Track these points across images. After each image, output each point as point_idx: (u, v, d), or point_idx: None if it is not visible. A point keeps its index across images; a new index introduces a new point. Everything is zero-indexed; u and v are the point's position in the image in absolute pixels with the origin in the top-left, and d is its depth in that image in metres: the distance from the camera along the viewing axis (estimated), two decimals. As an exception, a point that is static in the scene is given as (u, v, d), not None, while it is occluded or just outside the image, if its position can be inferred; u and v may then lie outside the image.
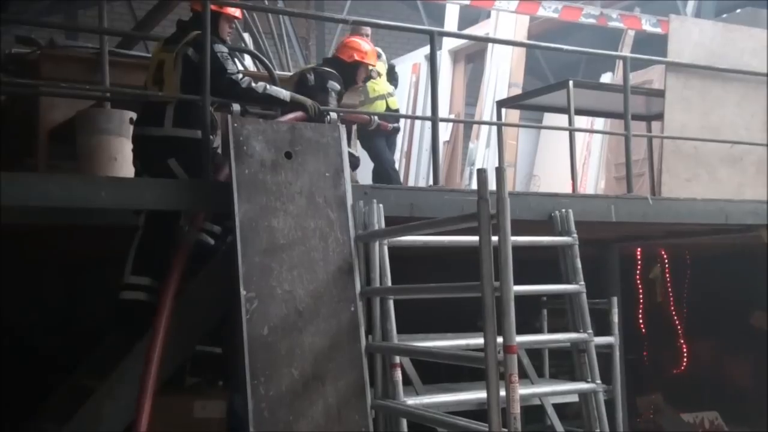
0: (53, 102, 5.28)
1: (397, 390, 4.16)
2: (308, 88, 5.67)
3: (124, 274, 4.55)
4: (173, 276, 4.25)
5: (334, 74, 5.85)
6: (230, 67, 4.58)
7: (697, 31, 6.59)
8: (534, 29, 9.89)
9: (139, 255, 4.53)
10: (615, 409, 5.00)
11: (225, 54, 4.60)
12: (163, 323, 4.11)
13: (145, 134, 4.60)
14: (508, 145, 8.49)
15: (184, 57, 4.56)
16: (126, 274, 4.54)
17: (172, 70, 4.59)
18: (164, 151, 4.52)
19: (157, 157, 4.54)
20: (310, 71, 5.89)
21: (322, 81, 5.76)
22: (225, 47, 4.67)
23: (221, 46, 4.63)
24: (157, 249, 4.51)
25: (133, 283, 4.52)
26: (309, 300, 4.17)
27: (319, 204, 4.34)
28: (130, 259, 4.54)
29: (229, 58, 4.64)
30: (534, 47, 9.27)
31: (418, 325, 4.63)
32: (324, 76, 5.79)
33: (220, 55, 4.55)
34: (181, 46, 4.59)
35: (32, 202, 3.90)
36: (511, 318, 3.21)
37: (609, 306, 5.16)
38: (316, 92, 5.61)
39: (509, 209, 3.29)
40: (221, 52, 4.56)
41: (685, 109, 6.38)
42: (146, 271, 4.51)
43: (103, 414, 4.22)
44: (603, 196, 6.79)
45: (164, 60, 4.67)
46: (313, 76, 5.80)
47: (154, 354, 4.04)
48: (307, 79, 5.79)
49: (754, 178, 6.54)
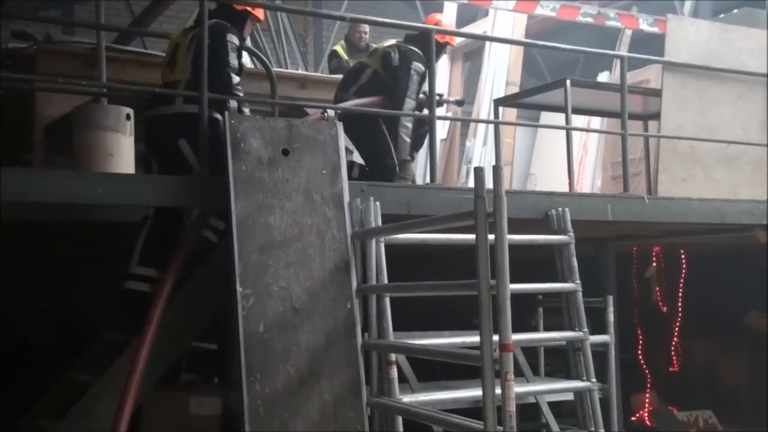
0: (50, 97, 5.26)
1: (392, 387, 4.17)
2: (392, 68, 5.50)
3: (131, 263, 4.55)
4: (171, 272, 4.25)
5: (418, 54, 5.56)
6: (232, 62, 4.61)
7: (694, 31, 6.60)
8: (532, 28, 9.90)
9: (147, 246, 4.53)
10: (610, 407, 5.02)
11: (234, 45, 4.65)
12: (155, 318, 4.10)
13: (155, 115, 4.64)
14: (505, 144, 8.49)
15: (199, 40, 4.58)
16: (132, 264, 4.54)
17: (185, 53, 4.68)
18: (174, 131, 4.52)
19: (166, 137, 4.55)
20: (394, 49, 5.61)
21: (406, 62, 5.54)
22: (237, 40, 4.70)
23: (234, 37, 4.68)
24: (165, 241, 4.52)
25: (139, 273, 4.52)
26: (305, 297, 4.17)
27: (315, 201, 4.34)
28: (138, 249, 4.54)
29: (235, 51, 4.66)
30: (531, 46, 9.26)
31: (415, 323, 4.63)
32: (408, 57, 5.55)
33: (229, 45, 4.61)
34: (197, 30, 4.63)
35: (28, 198, 3.89)
36: (508, 316, 3.21)
37: (604, 305, 5.18)
38: (400, 74, 5.47)
39: (506, 207, 3.30)
40: (231, 42, 4.62)
41: (681, 108, 6.39)
42: (153, 262, 4.51)
43: (99, 410, 4.22)
44: (599, 195, 6.80)
45: (180, 44, 4.76)
46: (398, 56, 5.58)
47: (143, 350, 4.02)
48: (391, 59, 5.54)
49: (750, 178, 6.55)
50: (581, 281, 4.89)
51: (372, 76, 5.74)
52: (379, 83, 5.64)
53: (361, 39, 7.29)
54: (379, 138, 5.56)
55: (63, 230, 5.01)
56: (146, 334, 4.06)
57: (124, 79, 5.33)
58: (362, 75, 5.80)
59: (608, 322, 5.15)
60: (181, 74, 4.68)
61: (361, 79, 5.78)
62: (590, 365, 4.79)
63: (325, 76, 7.28)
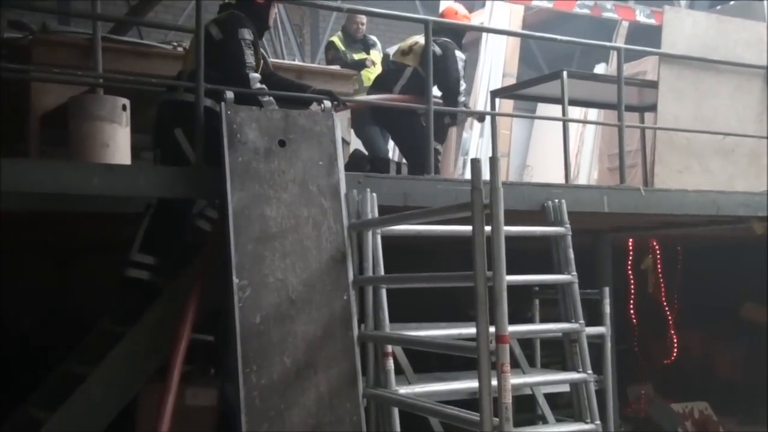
0: (45, 87, 5.23)
1: (389, 379, 4.17)
2: (437, 61, 5.61)
3: (131, 251, 4.56)
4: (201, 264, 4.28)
5: (454, 44, 5.81)
6: (248, 60, 4.57)
7: (690, 23, 6.60)
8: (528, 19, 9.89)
9: (149, 234, 4.55)
10: (606, 398, 5.02)
11: (248, 42, 4.61)
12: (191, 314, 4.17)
13: (160, 101, 4.65)
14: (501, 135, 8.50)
15: (207, 32, 4.56)
16: (133, 251, 4.56)
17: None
18: (172, 119, 4.54)
19: (165, 125, 4.57)
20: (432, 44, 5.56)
21: (449, 51, 5.78)
22: (249, 34, 4.63)
23: (247, 32, 4.62)
24: (166, 230, 4.53)
25: (139, 261, 4.53)
26: (302, 288, 4.16)
27: (312, 192, 4.33)
28: (139, 236, 4.56)
29: (251, 47, 4.62)
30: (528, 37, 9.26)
31: (411, 315, 4.63)
32: (449, 46, 5.79)
33: (243, 42, 4.57)
34: (210, 22, 4.61)
35: (23, 188, 3.88)
36: (504, 308, 3.21)
37: (601, 296, 5.18)
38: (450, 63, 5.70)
39: (502, 199, 3.29)
40: (244, 39, 4.59)
41: (678, 100, 6.39)
42: (152, 250, 4.53)
43: (93, 401, 4.22)
44: (596, 187, 6.80)
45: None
46: (439, 49, 5.77)
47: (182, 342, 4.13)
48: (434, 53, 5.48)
49: (745, 170, 6.57)
50: (577, 273, 4.89)
51: (413, 74, 6.01)
52: (421, 80, 5.75)
53: (358, 30, 7.27)
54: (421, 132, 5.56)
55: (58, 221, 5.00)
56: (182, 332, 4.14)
57: (121, 69, 5.31)
58: (402, 75, 6.05)
59: (604, 313, 5.15)
60: (187, 64, 4.69)
61: (402, 79, 6.04)
62: (586, 357, 4.80)
63: (322, 66, 7.26)
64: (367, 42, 7.27)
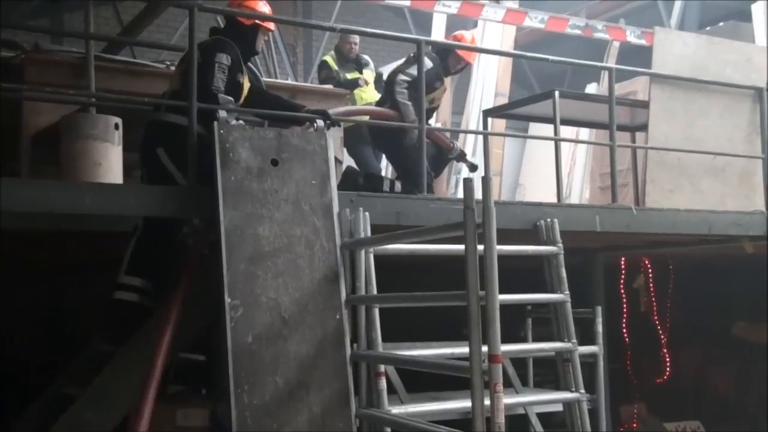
0: (37, 106, 5.23)
1: (381, 399, 4.16)
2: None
3: (119, 273, 4.53)
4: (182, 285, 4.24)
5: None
6: (216, 83, 4.57)
7: (680, 44, 6.66)
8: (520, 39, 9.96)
9: (135, 255, 4.51)
10: (599, 418, 5.02)
11: (223, 66, 4.61)
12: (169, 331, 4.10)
13: (147, 120, 4.67)
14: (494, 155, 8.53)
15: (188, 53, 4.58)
16: (120, 274, 4.52)
17: (179, 64, 4.81)
18: (154, 139, 4.55)
19: (148, 144, 4.58)
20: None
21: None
22: (227, 59, 4.64)
23: (225, 57, 4.63)
24: (153, 251, 4.50)
25: (126, 283, 4.50)
26: (294, 308, 4.15)
27: (305, 211, 4.33)
28: (126, 258, 4.52)
29: (224, 72, 4.61)
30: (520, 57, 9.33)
31: (404, 334, 4.62)
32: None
33: (217, 66, 4.58)
34: (196, 45, 4.63)
35: (15, 207, 3.86)
36: (497, 327, 3.21)
37: (593, 315, 5.18)
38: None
39: (495, 218, 3.30)
40: (220, 63, 4.60)
41: (668, 120, 6.44)
42: (140, 272, 4.49)
43: (84, 422, 4.18)
44: (588, 206, 6.83)
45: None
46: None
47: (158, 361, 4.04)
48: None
49: (736, 189, 6.60)
50: (570, 292, 4.89)
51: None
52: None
53: (351, 50, 7.30)
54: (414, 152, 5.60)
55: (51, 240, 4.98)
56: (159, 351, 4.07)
57: (113, 88, 5.30)
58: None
59: (597, 332, 5.16)
60: (171, 84, 4.74)
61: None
62: (579, 376, 4.79)
63: (315, 86, 7.28)
64: (360, 61, 7.30)
